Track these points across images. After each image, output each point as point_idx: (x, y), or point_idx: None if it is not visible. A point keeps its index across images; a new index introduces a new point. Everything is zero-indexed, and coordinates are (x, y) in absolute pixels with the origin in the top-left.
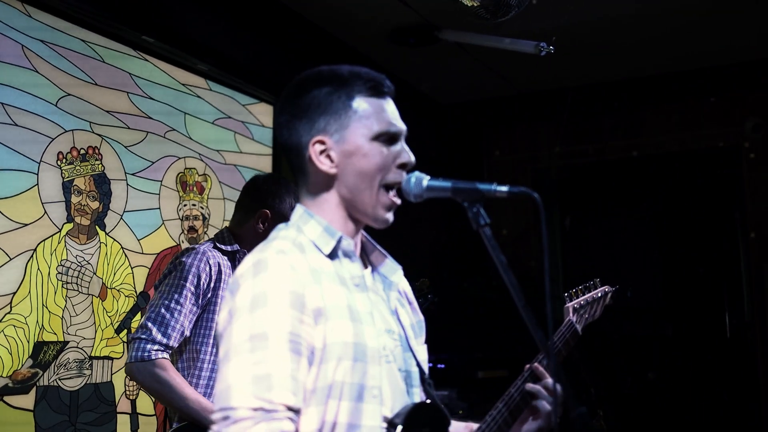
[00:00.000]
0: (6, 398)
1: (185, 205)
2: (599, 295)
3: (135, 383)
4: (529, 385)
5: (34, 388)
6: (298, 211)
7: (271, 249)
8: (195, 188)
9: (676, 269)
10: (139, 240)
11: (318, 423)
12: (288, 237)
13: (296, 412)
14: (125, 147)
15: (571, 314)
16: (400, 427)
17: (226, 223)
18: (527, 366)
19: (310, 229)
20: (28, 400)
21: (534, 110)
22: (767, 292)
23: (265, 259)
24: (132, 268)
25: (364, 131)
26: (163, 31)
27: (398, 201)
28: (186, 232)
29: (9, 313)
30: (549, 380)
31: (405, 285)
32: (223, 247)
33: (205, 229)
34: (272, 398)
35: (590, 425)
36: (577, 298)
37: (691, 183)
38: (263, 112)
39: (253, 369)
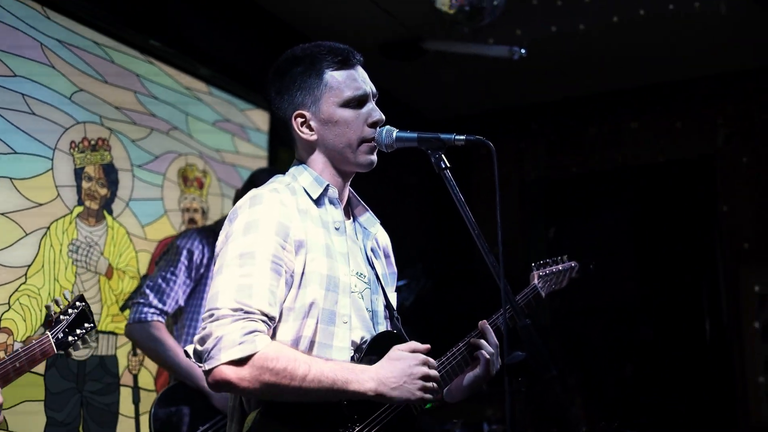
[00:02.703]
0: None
1: (186, 198)
2: (565, 267)
3: (136, 358)
4: (476, 340)
5: None
6: (294, 164)
7: (267, 187)
8: (195, 183)
9: (655, 275)
10: (143, 227)
11: (294, 335)
12: (283, 181)
13: (271, 318)
14: (132, 140)
15: (536, 279)
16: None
17: None
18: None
19: (302, 178)
20: (39, 366)
21: (518, 124)
22: (742, 297)
23: (260, 194)
24: (136, 252)
25: (334, 99)
26: (169, 37)
27: (375, 145)
28: (186, 223)
29: (24, 283)
30: (493, 338)
31: (384, 240)
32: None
33: (204, 222)
34: (251, 304)
35: (560, 389)
36: (544, 268)
37: (669, 192)
38: (260, 118)
39: (238, 279)
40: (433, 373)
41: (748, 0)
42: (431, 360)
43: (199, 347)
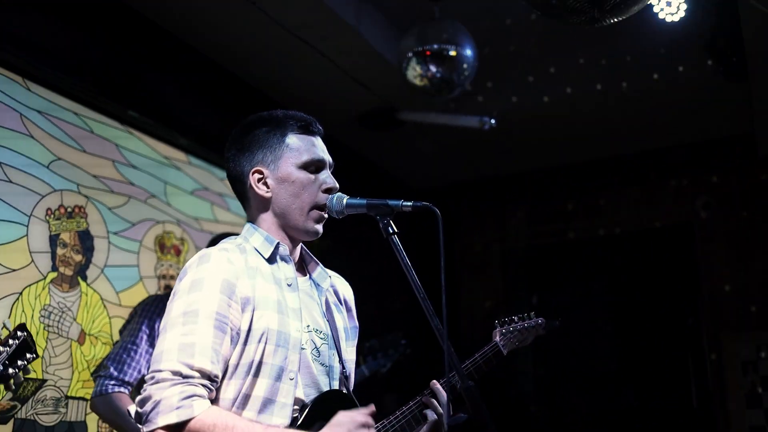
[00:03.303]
0: None
1: (162, 265)
2: (531, 324)
3: (106, 425)
4: (429, 400)
5: (12, 420)
6: (246, 227)
7: (216, 248)
8: (172, 250)
9: (638, 342)
10: (117, 293)
11: (237, 392)
12: (234, 242)
13: (213, 378)
14: (109, 208)
15: (497, 337)
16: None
17: None
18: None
19: (253, 238)
20: (5, 431)
21: (500, 193)
22: (725, 362)
23: (208, 253)
24: (110, 318)
25: (294, 161)
26: (147, 108)
27: (325, 215)
28: (162, 289)
29: None
30: (443, 398)
31: (346, 293)
32: None
33: None
34: (193, 363)
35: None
36: (508, 325)
37: (650, 259)
38: None
39: (181, 339)
40: None
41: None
42: (372, 423)
43: (139, 409)
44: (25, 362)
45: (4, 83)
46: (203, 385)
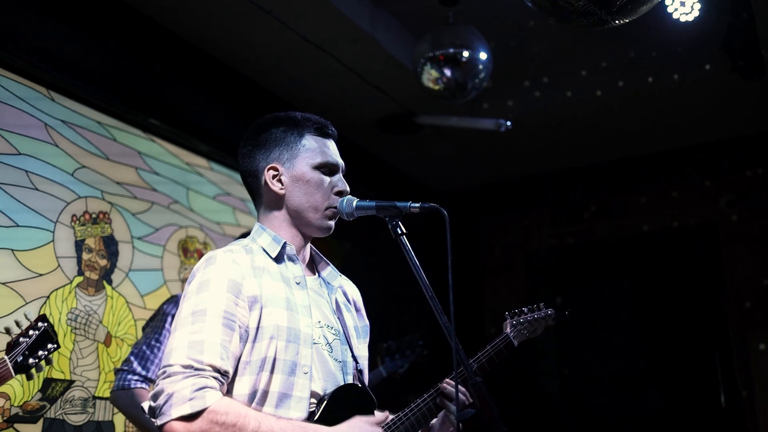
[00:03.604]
0: (16, 425)
1: (186, 269)
2: (540, 315)
3: (132, 425)
4: (441, 399)
5: (42, 420)
6: (255, 227)
7: (221, 250)
8: (195, 254)
9: (663, 342)
10: (142, 296)
11: (251, 388)
12: (241, 243)
13: (223, 373)
14: (132, 214)
15: (508, 329)
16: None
17: None
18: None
19: (261, 239)
20: (36, 430)
21: (523, 195)
22: (752, 361)
23: (214, 255)
24: (135, 321)
25: (309, 161)
26: (169, 116)
27: (336, 213)
28: None
29: None
30: (461, 398)
31: (354, 294)
32: None
33: None
34: (203, 359)
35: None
36: (518, 316)
37: (674, 259)
38: None
39: (190, 336)
40: None
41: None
42: None
43: (152, 403)
44: (46, 352)
45: (29, 94)
46: (214, 378)
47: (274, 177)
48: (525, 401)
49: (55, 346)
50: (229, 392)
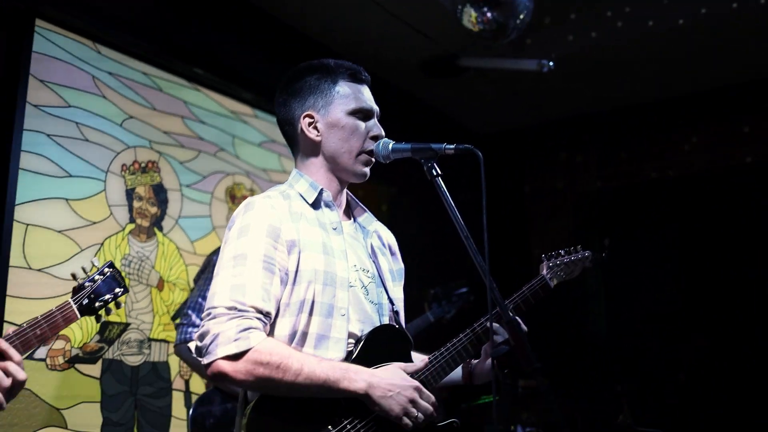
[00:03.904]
0: (78, 366)
1: None
2: (577, 257)
3: (186, 365)
4: (479, 331)
5: (101, 361)
6: (292, 173)
7: (259, 196)
8: (242, 201)
9: (711, 283)
10: (192, 242)
11: (291, 329)
12: (278, 189)
13: (266, 314)
14: (180, 162)
15: (544, 270)
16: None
17: None
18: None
19: (299, 185)
20: (95, 370)
21: (570, 137)
22: None
23: (253, 201)
24: (186, 266)
25: (343, 107)
26: (212, 65)
27: (372, 159)
28: None
29: None
30: (497, 337)
31: (389, 238)
32: None
33: None
34: (245, 301)
35: (543, 381)
36: (555, 258)
37: (724, 200)
38: None
39: (232, 280)
40: (423, 405)
41: None
42: (426, 392)
43: (198, 343)
44: (113, 296)
45: (76, 48)
46: (258, 319)
47: (309, 124)
48: (572, 342)
49: (122, 290)
50: (270, 333)
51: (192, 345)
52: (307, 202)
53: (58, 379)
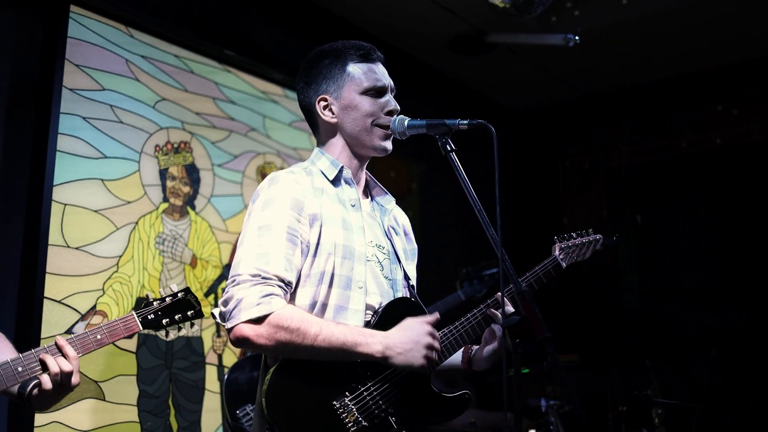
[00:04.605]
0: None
1: None
2: (589, 240)
3: (221, 339)
4: (491, 311)
5: (136, 336)
6: (314, 151)
7: (283, 171)
8: None
9: (746, 257)
10: (224, 220)
11: (311, 299)
12: (301, 165)
13: (287, 283)
14: (212, 142)
15: (556, 251)
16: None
17: None
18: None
19: (320, 162)
20: (132, 344)
21: (602, 112)
22: None
23: (277, 176)
24: (218, 244)
25: (355, 88)
26: (242, 46)
27: (390, 134)
28: None
29: (116, 272)
30: (508, 308)
31: (403, 219)
32: None
33: None
34: (269, 270)
35: (552, 350)
36: (567, 240)
37: (757, 172)
38: None
39: (257, 249)
40: (437, 344)
41: None
42: (436, 332)
43: (222, 308)
44: (181, 316)
45: (110, 33)
46: (280, 287)
47: (325, 108)
48: (605, 317)
49: (194, 313)
50: (291, 302)
51: (216, 311)
52: (328, 179)
53: (96, 353)
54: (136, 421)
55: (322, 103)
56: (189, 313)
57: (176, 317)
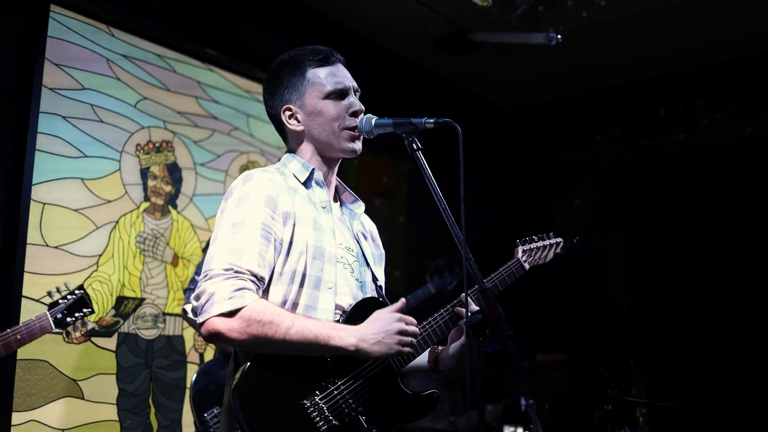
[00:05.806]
0: (94, 339)
1: None
2: (550, 243)
3: (201, 339)
4: (458, 309)
5: (116, 334)
6: (285, 155)
7: (257, 169)
8: None
9: (735, 254)
10: (206, 219)
11: (282, 298)
12: (273, 166)
13: (260, 279)
14: (194, 142)
15: (519, 253)
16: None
17: None
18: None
19: (291, 165)
20: (111, 343)
21: (591, 110)
22: None
23: (251, 174)
24: (200, 242)
25: (317, 94)
26: (225, 45)
27: (357, 134)
28: None
29: (96, 271)
30: (472, 306)
31: (371, 226)
32: None
33: None
34: (242, 264)
35: (515, 348)
36: (529, 243)
37: (746, 171)
38: None
39: (230, 245)
40: (411, 328)
41: None
42: (408, 317)
43: (194, 303)
44: (82, 315)
45: (90, 32)
46: (252, 282)
47: (290, 117)
48: (594, 316)
49: (89, 310)
50: (264, 298)
51: (188, 307)
52: (299, 181)
53: (75, 351)
54: (116, 420)
55: (287, 113)
56: (85, 310)
57: (77, 315)
